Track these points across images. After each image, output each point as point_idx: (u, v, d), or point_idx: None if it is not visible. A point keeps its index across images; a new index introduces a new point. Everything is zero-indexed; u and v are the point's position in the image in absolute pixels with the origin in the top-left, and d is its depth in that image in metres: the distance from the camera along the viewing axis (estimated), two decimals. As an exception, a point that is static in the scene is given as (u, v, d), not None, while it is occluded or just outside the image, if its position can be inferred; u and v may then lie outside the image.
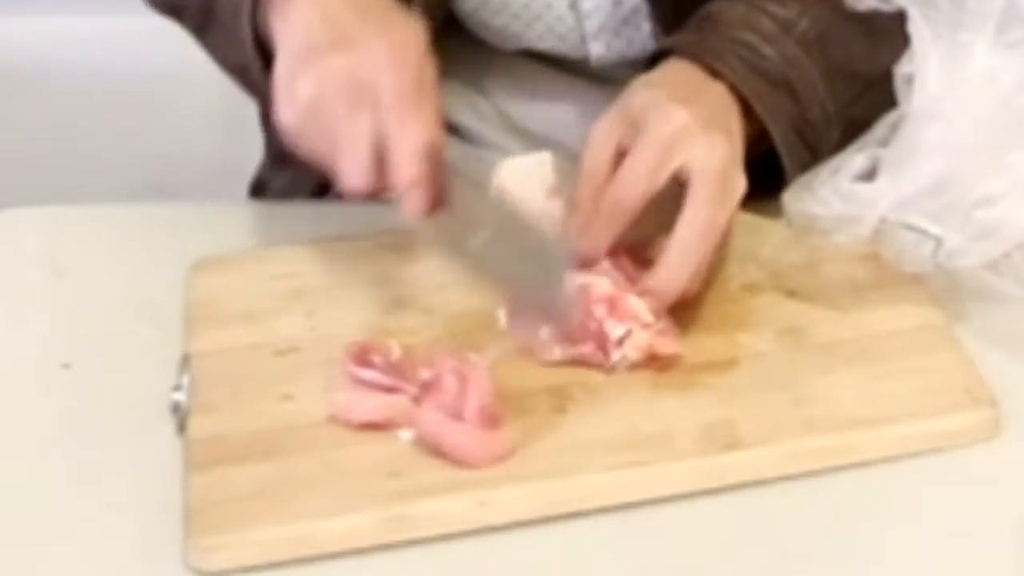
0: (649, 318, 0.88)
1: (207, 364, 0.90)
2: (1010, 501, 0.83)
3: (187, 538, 0.80)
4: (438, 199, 0.88)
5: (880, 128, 0.90)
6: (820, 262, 0.96)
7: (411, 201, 0.88)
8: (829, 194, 0.90)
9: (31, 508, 0.85)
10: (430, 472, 0.82)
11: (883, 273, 0.94)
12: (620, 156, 0.90)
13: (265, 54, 0.92)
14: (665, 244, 0.88)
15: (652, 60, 0.98)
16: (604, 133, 0.91)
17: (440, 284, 0.96)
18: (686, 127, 0.89)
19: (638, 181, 0.88)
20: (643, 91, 0.92)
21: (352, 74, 0.86)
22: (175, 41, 1.11)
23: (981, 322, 0.92)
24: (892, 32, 0.92)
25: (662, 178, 0.88)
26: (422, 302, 0.95)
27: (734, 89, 0.94)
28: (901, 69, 0.89)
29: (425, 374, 0.86)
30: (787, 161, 0.95)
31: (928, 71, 0.87)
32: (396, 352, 0.88)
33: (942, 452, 0.85)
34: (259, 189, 1.27)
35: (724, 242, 0.92)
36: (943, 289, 0.93)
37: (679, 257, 0.88)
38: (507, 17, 1.07)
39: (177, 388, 0.88)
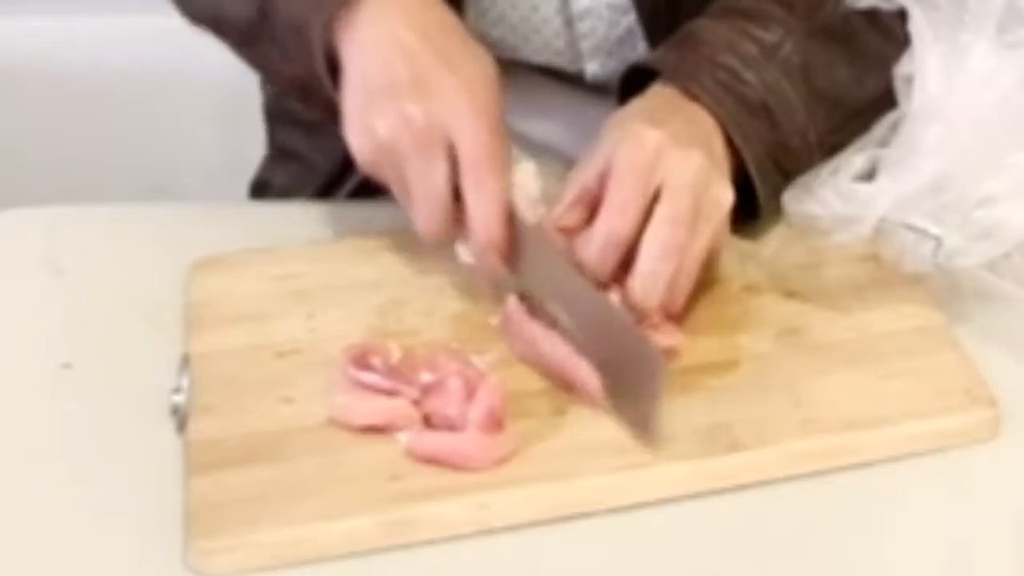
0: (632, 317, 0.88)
1: (207, 365, 0.90)
2: (1010, 501, 0.83)
3: (187, 541, 0.80)
4: (512, 254, 0.90)
5: (880, 128, 0.90)
6: (820, 262, 0.96)
7: (489, 259, 0.90)
8: (829, 194, 0.89)
9: (30, 509, 0.84)
10: (430, 475, 0.82)
11: (883, 273, 0.94)
12: (595, 201, 0.89)
13: (330, 67, 0.92)
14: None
15: (630, 74, 0.98)
16: (577, 176, 0.91)
17: (440, 285, 0.96)
18: (658, 147, 0.88)
19: (623, 212, 0.87)
20: (614, 128, 0.92)
21: (430, 122, 0.88)
22: (175, 41, 1.11)
23: (981, 323, 0.92)
24: (879, 59, 0.91)
25: (645, 202, 0.87)
26: (422, 302, 0.95)
27: (712, 111, 0.93)
28: (901, 69, 0.88)
29: (426, 377, 0.86)
30: (760, 186, 0.94)
31: (928, 71, 0.87)
32: (396, 355, 0.88)
33: (942, 452, 0.85)
34: (260, 188, 1.27)
35: (715, 253, 0.91)
36: (943, 289, 0.93)
37: (644, 275, 0.87)
38: (504, 29, 1.07)
39: (177, 391, 0.88)
